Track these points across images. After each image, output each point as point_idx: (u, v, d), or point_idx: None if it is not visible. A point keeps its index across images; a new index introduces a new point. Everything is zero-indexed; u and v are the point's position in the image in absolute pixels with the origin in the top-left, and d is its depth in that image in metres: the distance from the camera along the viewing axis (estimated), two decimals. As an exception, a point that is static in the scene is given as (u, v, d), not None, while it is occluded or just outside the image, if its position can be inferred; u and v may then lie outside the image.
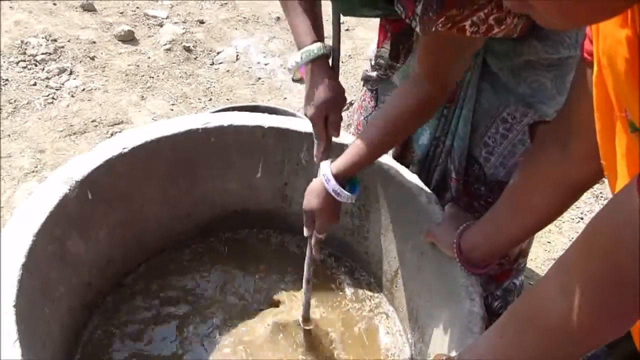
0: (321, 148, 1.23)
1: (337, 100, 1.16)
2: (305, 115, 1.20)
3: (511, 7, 0.55)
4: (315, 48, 1.14)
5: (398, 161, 1.37)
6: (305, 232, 1.26)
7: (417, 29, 0.93)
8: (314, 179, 1.22)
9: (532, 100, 1.17)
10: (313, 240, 1.26)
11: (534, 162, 0.95)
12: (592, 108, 0.71)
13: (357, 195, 1.20)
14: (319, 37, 1.17)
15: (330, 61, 1.18)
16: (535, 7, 0.53)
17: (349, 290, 1.47)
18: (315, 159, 1.25)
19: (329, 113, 1.17)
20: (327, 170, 1.17)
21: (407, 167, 1.36)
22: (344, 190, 1.16)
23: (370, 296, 1.46)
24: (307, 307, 1.33)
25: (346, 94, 1.19)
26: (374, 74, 1.35)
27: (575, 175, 0.89)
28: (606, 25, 0.60)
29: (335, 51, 1.19)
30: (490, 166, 1.25)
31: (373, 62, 1.35)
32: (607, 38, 0.60)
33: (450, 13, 0.87)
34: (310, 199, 1.20)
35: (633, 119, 0.59)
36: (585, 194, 2.41)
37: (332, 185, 1.15)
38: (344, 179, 1.17)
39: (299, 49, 1.16)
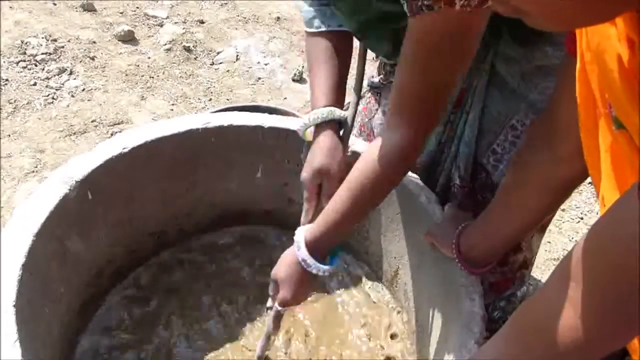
0: (309, 216, 1.14)
1: (334, 169, 1.11)
2: (301, 177, 1.14)
3: (503, 13, 0.55)
4: (325, 112, 1.11)
5: None
6: (268, 303, 1.15)
7: (405, 8, 0.85)
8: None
9: (543, 107, 1.12)
10: (273, 314, 1.12)
11: (523, 161, 0.96)
12: (576, 106, 0.70)
13: (333, 269, 1.06)
14: (335, 100, 1.13)
15: (342, 129, 1.14)
16: (528, 12, 0.52)
17: (348, 290, 1.47)
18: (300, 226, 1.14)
19: (323, 181, 1.11)
20: (300, 236, 1.04)
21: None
22: (314, 261, 1.02)
23: (370, 296, 1.46)
24: None
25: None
26: (378, 79, 1.34)
27: (564, 173, 0.89)
28: None
29: (349, 118, 1.15)
30: (498, 174, 1.21)
31: (378, 64, 1.34)
32: (593, 34, 0.59)
33: None
34: (279, 266, 1.08)
35: (619, 115, 0.58)
36: (585, 193, 2.41)
37: (302, 253, 1.02)
38: (322, 248, 1.04)
39: (312, 109, 1.14)
